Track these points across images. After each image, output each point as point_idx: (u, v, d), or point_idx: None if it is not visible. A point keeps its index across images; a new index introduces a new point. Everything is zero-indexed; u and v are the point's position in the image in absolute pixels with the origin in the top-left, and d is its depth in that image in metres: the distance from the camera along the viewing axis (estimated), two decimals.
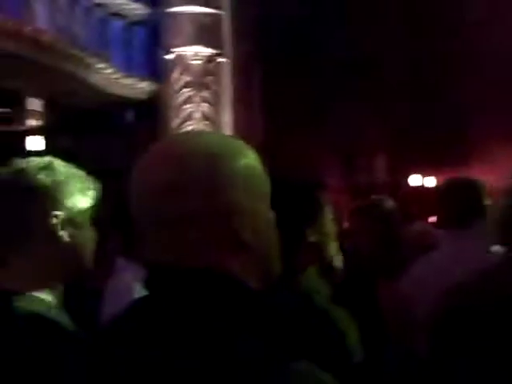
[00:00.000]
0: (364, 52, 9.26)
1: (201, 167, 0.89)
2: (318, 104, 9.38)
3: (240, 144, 0.96)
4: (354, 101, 9.66)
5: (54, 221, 1.36)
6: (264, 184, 0.95)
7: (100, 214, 1.54)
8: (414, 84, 9.45)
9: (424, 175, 11.43)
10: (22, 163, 1.43)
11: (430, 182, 11.50)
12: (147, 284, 0.90)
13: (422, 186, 11.30)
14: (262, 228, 0.92)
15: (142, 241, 0.91)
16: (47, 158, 1.46)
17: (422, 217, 6.11)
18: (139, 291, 0.99)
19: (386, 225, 2.57)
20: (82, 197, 1.42)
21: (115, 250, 2.32)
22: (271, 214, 0.96)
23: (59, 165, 1.42)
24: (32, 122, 10.06)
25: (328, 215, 1.59)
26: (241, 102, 8.25)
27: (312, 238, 1.52)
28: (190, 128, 7.65)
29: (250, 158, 0.94)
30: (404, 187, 10.82)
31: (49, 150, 10.10)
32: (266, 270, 0.94)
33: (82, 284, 1.80)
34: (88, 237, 1.41)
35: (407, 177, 11.30)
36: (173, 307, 0.87)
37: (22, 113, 9.28)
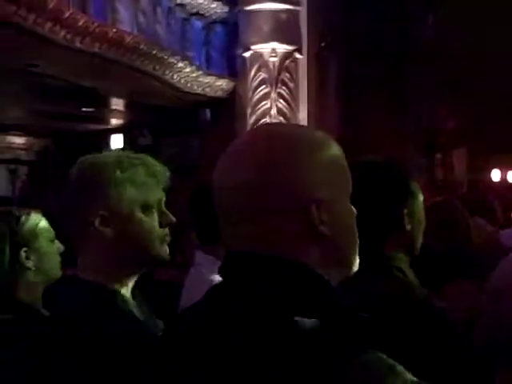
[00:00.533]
0: (444, 40, 9.03)
1: (283, 159, 0.90)
2: (396, 96, 9.24)
3: (323, 136, 0.97)
4: (432, 91, 9.46)
5: (125, 210, 1.38)
6: (346, 177, 0.95)
7: (177, 209, 1.58)
8: (497, 72, 9.16)
9: (506, 170, 11.07)
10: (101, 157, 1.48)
11: None
12: (223, 271, 0.92)
13: (504, 181, 10.94)
14: (342, 221, 0.92)
15: (224, 233, 0.93)
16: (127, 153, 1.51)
17: (504, 213, 5.94)
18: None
19: (451, 226, 2.53)
20: (153, 188, 1.43)
21: (192, 243, 2.34)
22: (352, 208, 0.95)
23: (134, 158, 1.45)
24: (114, 122, 10.38)
25: (421, 204, 1.57)
26: (317, 97, 8.23)
27: (408, 225, 1.51)
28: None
29: (333, 150, 0.95)
30: (485, 182, 10.51)
31: (129, 149, 10.31)
32: (345, 261, 0.94)
33: (152, 276, 1.78)
34: (156, 227, 1.40)
35: (488, 172, 10.97)
36: (245, 293, 0.88)
37: (105, 112, 9.57)
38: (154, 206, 1.39)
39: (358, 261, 0.96)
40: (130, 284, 1.41)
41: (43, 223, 1.92)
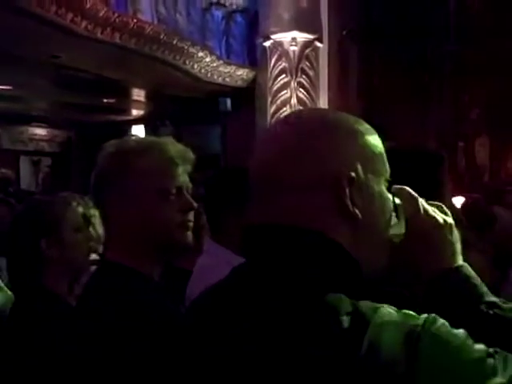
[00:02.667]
0: (467, 31, 8.92)
1: (321, 137, 0.91)
2: (419, 85, 9.16)
3: (366, 124, 0.97)
4: (456, 80, 9.36)
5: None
6: (383, 164, 0.95)
7: (198, 198, 1.57)
8: None
9: None
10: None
11: None
12: (250, 244, 0.93)
13: None
14: (375, 205, 0.92)
15: (256, 206, 0.93)
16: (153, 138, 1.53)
17: None
18: (225, 273, 1.02)
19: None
20: (171, 174, 1.42)
21: (204, 231, 2.31)
22: (389, 195, 0.95)
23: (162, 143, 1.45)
24: (135, 112, 10.43)
25: (449, 193, 1.54)
26: (338, 86, 8.19)
27: None
28: (286, 114, 7.67)
29: (372, 137, 0.95)
30: (507, 171, 10.39)
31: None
32: (375, 248, 0.93)
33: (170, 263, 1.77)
34: (174, 212, 1.40)
35: (511, 160, 10.83)
36: (271, 265, 0.88)
37: (126, 103, 9.63)
38: (171, 192, 1.39)
39: (385, 260, 0.95)
40: (156, 270, 1.41)
41: (68, 212, 1.92)
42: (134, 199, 1.37)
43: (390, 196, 0.95)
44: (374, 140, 0.95)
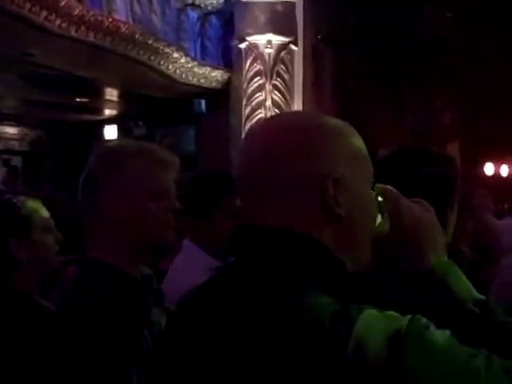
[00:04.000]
0: (440, 35, 9.04)
1: (305, 139, 0.91)
2: (392, 90, 9.26)
3: (348, 126, 0.98)
4: (426, 87, 9.48)
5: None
6: (367, 165, 0.96)
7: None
8: (489, 67, 9.18)
9: (499, 164, 11.11)
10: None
11: (505, 170, 11.17)
12: (234, 242, 0.93)
13: (497, 175, 10.99)
14: (359, 206, 0.92)
15: (243, 207, 0.94)
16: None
17: (497, 206, 5.98)
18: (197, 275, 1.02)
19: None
20: (161, 177, 1.47)
21: (184, 232, 2.34)
22: (373, 195, 0.96)
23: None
24: (108, 112, 10.34)
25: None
26: (312, 89, 8.23)
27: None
28: (260, 116, 7.69)
29: (355, 139, 0.96)
30: (477, 176, 10.55)
31: (123, 139, 10.36)
32: (359, 248, 0.94)
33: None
34: (162, 213, 1.44)
35: (482, 165, 11.01)
36: (257, 265, 0.89)
37: (99, 102, 9.54)
38: (161, 194, 1.44)
39: (369, 256, 0.95)
40: (140, 270, 1.45)
41: (39, 212, 1.90)
42: (125, 200, 1.41)
43: (374, 196, 0.96)
44: (358, 141, 0.95)
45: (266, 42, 7.52)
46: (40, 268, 1.90)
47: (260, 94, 7.78)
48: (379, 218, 0.97)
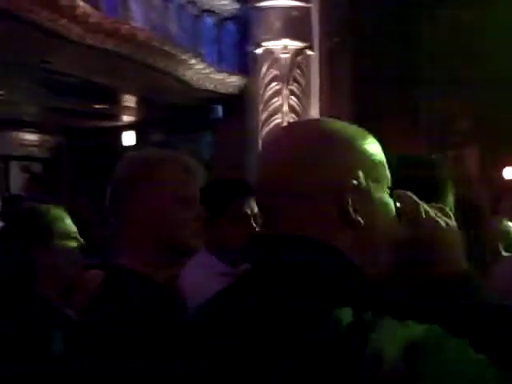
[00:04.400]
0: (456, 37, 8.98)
1: (322, 147, 0.92)
2: (408, 94, 9.21)
3: (365, 132, 0.98)
4: (445, 89, 9.43)
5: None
6: (384, 171, 0.96)
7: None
8: (508, 69, 9.10)
9: None
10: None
11: None
12: (252, 251, 0.94)
13: None
14: (377, 212, 0.92)
15: (261, 215, 0.96)
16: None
17: None
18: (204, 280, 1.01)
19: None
20: (189, 184, 1.50)
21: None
22: (391, 201, 0.96)
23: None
24: (126, 118, 10.41)
25: (451, 197, 1.52)
26: (329, 94, 8.22)
27: None
28: (277, 122, 7.69)
29: (372, 145, 0.96)
30: (497, 180, 10.45)
31: (141, 146, 10.41)
32: (379, 255, 0.94)
33: None
34: (190, 220, 1.47)
35: (500, 169, 10.90)
36: (275, 276, 0.89)
37: (117, 109, 9.61)
38: (190, 201, 1.46)
39: (388, 265, 0.95)
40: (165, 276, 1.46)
41: (62, 220, 1.92)
42: (152, 207, 1.43)
43: (391, 201, 0.96)
44: (375, 147, 0.96)
45: (282, 47, 7.53)
46: (63, 275, 1.91)
47: (277, 99, 7.78)
48: (397, 224, 0.97)
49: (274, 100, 7.77)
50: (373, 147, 0.96)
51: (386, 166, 0.97)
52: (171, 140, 9.58)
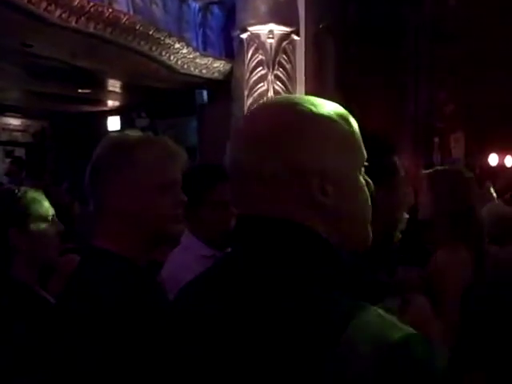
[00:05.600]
0: (446, 27, 8.98)
1: (292, 128, 0.90)
2: (394, 80, 9.21)
3: (338, 108, 0.96)
4: (431, 76, 9.43)
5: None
6: (357, 151, 0.95)
7: None
8: (494, 57, 9.12)
9: (503, 155, 11.06)
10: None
11: (510, 161, 11.11)
12: (233, 234, 0.94)
13: (502, 166, 10.94)
14: (347, 192, 0.92)
15: (232, 194, 0.95)
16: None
17: (500, 196, 5.96)
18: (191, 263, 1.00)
19: (452, 192, 2.53)
20: (170, 169, 1.48)
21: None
22: (363, 181, 0.95)
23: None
24: (110, 103, 10.33)
25: (402, 182, 1.53)
26: (314, 79, 8.19)
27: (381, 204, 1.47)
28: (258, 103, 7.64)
29: (349, 125, 0.94)
30: (482, 167, 10.51)
31: (126, 131, 10.30)
32: (351, 236, 0.93)
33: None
34: (170, 206, 1.46)
35: (486, 156, 10.96)
36: (257, 254, 0.89)
37: (101, 93, 9.53)
38: (169, 186, 1.44)
39: (369, 238, 0.95)
40: (144, 260, 1.44)
41: (39, 203, 1.90)
42: (134, 191, 1.41)
43: (364, 182, 0.95)
44: (350, 128, 0.94)
45: (268, 32, 7.47)
46: (39, 258, 1.90)
47: (262, 84, 7.74)
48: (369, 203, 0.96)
49: (259, 85, 7.72)
50: (347, 127, 0.94)
51: (361, 146, 0.95)
52: (156, 125, 9.53)
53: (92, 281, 1.34)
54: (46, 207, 1.91)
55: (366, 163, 0.96)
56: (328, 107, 0.95)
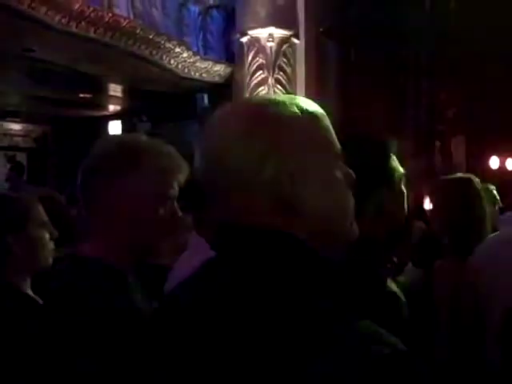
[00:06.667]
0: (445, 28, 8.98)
1: (258, 132, 0.88)
2: (395, 84, 9.20)
3: (309, 105, 0.92)
4: (432, 78, 9.42)
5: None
6: (331, 150, 0.91)
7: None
8: (495, 59, 9.11)
9: (504, 158, 11.04)
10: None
11: (511, 164, 11.08)
12: (215, 240, 0.92)
13: (503, 169, 10.92)
14: (321, 191, 0.89)
15: (209, 204, 0.92)
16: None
17: (502, 199, 5.94)
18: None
19: (459, 202, 2.50)
20: (172, 180, 1.39)
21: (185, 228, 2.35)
22: (340, 175, 0.91)
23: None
24: (112, 108, 10.34)
25: (398, 182, 1.52)
26: (315, 83, 8.20)
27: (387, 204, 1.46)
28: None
29: (321, 123, 0.91)
30: (483, 170, 10.49)
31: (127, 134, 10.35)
32: (332, 234, 0.90)
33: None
34: (167, 218, 1.37)
35: (487, 159, 10.95)
36: (236, 264, 0.87)
37: (103, 98, 9.54)
38: (170, 198, 1.37)
39: (354, 231, 0.92)
40: (131, 270, 1.40)
41: (35, 208, 1.90)
42: (136, 199, 1.33)
43: (341, 178, 0.91)
44: (321, 126, 0.91)
45: (268, 35, 7.49)
46: (34, 264, 1.90)
47: (262, 87, 7.75)
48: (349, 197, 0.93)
49: (259, 89, 7.73)
50: (319, 126, 0.91)
51: (334, 144, 0.92)
52: (157, 129, 9.53)
53: (72, 287, 1.30)
54: (42, 213, 1.92)
55: (341, 155, 0.93)
56: (293, 105, 0.91)
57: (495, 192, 4.93)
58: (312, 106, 0.93)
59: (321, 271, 0.86)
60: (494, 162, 11.29)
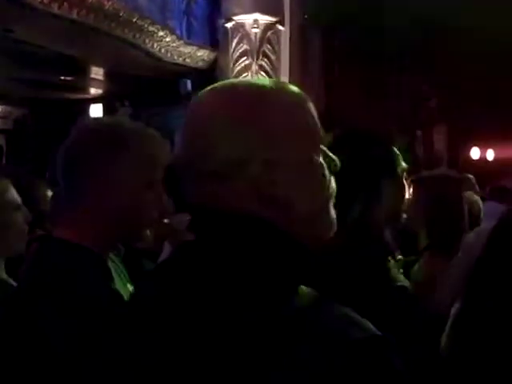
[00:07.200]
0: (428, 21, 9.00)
1: (232, 121, 0.87)
2: (378, 73, 9.22)
3: (288, 90, 0.91)
4: (414, 70, 9.45)
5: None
6: (312, 137, 0.89)
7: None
8: (476, 54, 9.16)
9: (485, 148, 11.14)
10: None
11: (491, 155, 11.20)
12: (191, 224, 0.90)
13: (483, 159, 11.04)
14: (299, 180, 0.87)
15: (184, 190, 0.91)
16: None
17: (481, 189, 6.00)
18: None
19: (440, 197, 2.51)
20: (158, 165, 1.39)
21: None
22: (321, 163, 0.90)
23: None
24: (93, 91, 10.23)
25: (400, 175, 1.55)
26: (299, 70, 8.18)
27: (389, 193, 1.48)
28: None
29: (301, 110, 0.90)
30: (464, 160, 10.58)
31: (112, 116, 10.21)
32: (312, 222, 0.89)
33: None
34: (154, 206, 1.36)
35: (468, 149, 11.04)
36: (211, 250, 0.86)
37: (84, 81, 9.43)
38: (157, 183, 1.32)
39: (332, 222, 0.90)
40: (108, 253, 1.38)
41: (8, 191, 1.88)
42: (119, 185, 1.30)
43: (320, 165, 0.89)
44: (301, 112, 0.89)
45: (253, 21, 7.44)
46: (9, 247, 1.88)
47: (246, 74, 7.71)
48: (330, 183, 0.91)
49: (243, 75, 7.69)
50: (298, 112, 0.89)
51: (315, 131, 0.90)
52: (139, 114, 9.45)
53: (46, 271, 1.27)
54: (15, 196, 1.89)
55: (323, 141, 0.91)
56: (270, 90, 0.89)
57: (474, 181, 4.99)
58: (296, 91, 0.92)
59: (293, 256, 0.85)
60: (474, 153, 11.39)
